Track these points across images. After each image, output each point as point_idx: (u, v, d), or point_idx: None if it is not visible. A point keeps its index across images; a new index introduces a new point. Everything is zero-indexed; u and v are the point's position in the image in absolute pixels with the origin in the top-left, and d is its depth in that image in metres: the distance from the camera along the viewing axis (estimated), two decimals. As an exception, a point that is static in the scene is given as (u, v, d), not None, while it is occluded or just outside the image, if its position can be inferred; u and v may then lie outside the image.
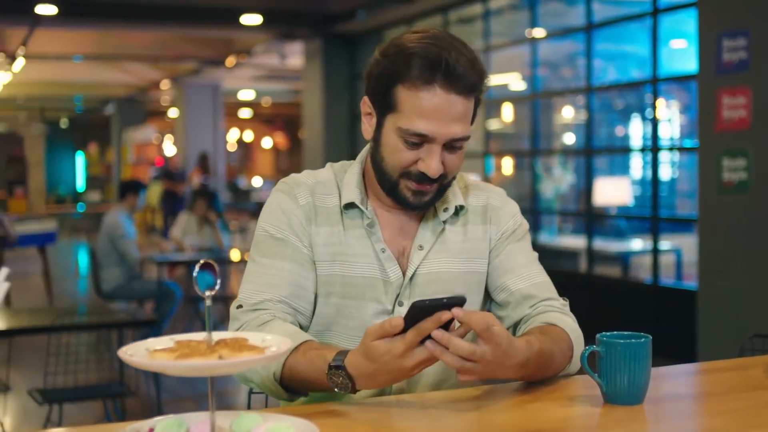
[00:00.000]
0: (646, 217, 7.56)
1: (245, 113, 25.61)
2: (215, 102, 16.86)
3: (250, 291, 1.77)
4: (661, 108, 9.95)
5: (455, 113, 1.66)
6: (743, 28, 5.63)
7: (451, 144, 1.70)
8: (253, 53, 13.18)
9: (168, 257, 7.81)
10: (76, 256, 15.04)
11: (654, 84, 7.05)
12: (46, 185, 24.71)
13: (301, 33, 11.39)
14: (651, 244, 7.11)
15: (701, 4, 6.00)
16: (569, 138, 10.98)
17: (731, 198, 5.77)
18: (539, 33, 8.67)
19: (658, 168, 7.18)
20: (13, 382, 5.90)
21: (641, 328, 6.27)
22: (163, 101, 21.07)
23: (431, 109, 1.65)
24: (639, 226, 8.52)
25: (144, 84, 18.20)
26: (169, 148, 19.76)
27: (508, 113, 10.34)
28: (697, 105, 6.07)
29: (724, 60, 5.77)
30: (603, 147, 9.53)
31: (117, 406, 4.73)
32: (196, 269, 1.35)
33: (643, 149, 8.80)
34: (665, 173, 10.71)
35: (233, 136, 26.35)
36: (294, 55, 13.02)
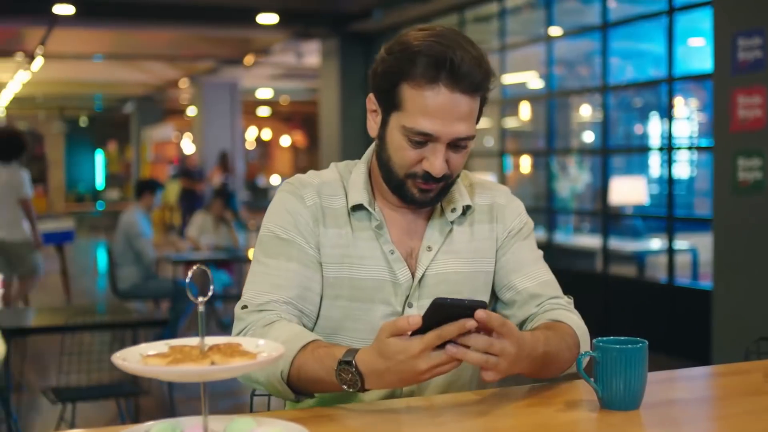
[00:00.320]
0: (661, 217, 7.52)
1: (263, 111, 25.66)
2: (233, 100, 16.91)
3: (255, 292, 1.75)
4: (679, 106, 9.90)
5: (460, 112, 1.65)
6: (759, 27, 5.60)
7: (456, 143, 1.69)
8: (271, 52, 13.21)
9: (184, 256, 7.85)
10: (94, 254, 15.11)
11: (669, 83, 7.02)
12: (65, 183, 24.89)
13: (318, 32, 11.41)
14: (667, 243, 7.08)
15: (716, 2, 5.97)
16: (588, 136, 10.95)
17: (746, 198, 5.74)
18: (555, 32, 8.65)
19: (672, 167, 7.14)
20: (29, 380, 5.94)
21: (656, 328, 6.27)
22: (182, 100, 21.16)
23: (435, 108, 1.64)
24: (656, 225, 8.48)
25: (162, 83, 18.27)
26: (188, 146, 19.83)
27: (525, 112, 10.33)
28: (712, 104, 6.04)
29: (739, 59, 5.74)
30: (618, 146, 9.49)
31: (130, 405, 4.75)
32: (189, 275, 1.36)
33: (659, 149, 8.75)
34: (684, 172, 10.66)
35: (252, 134, 26.42)
36: (311, 54, 13.04)
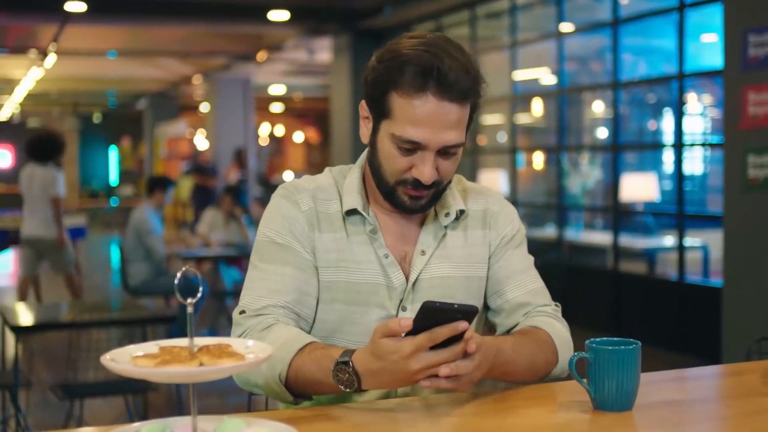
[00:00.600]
0: (671, 214, 7.50)
1: (277, 108, 25.69)
2: (246, 97, 16.93)
3: (252, 296, 1.77)
4: (693, 102, 9.85)
5: (448, 120, 1.67)
6: (769, 23, 5.57)
7: (445, 150, 1.70)
8: (283, 48, 13.23)
9: (194, 252, 7.88)
10: (108, 250, 15.17)
11: (680, 80, 6.99)
12: (79, 180, 24.99)
13: (329, 28, 11.41)
14: (677, 240, 7.05)
15: (727, -2, 5.94)
16: (601, 133, 10.90)
17: (757, 195, 5.71)
18: (566, 28, 8.62)
19: (683, 164, 7.12)
20: (38, 377, 5.97)
21: (666, 325, 6.24)
22: (196, 96, 21.21)
23: (424, 117, 1.65)
24: (667, 222, 8.46)
25: (176, 79, 18.32)
26: (202, 142, 19.88)
27: (537, 108, 10.30)
28: (723, 101, 6.01)
29: (749, 56, 5.71)
30: (628, 143, 9.46)
31: (138, 402, 4.77)
32: (178, 275, 1.37)
33: (669, 145, 8.72)
34: (697, 168, 10.60)
35: (265, 130, 26.45)
36: (322, 50, 13.04)
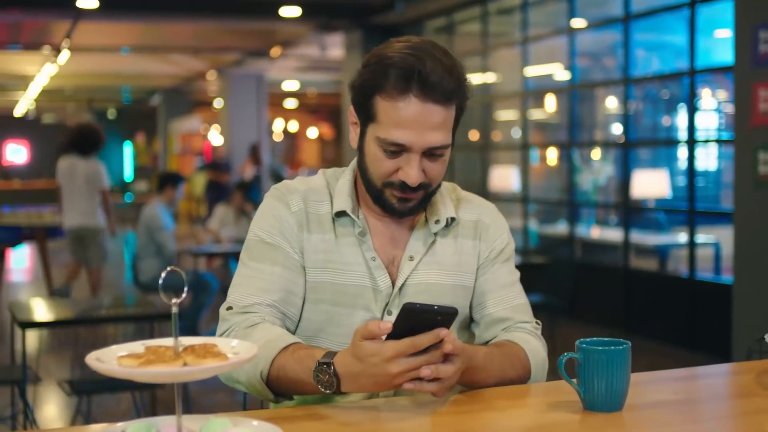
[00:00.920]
0: (682, 210, 7.46)
1: (290, 103, 25.72)
2: (259, 92, 16.95)
3: (240, 294, 1.79)
4: (707, 98, 9.80)
5: (432, 122, 1.68)
6: (780, 19, 5.54)
7: (431, 152, 1.71)
8: (295, 44, 13.23)
9: (205, 249, 7.90)
10: (121, 246, 15.20)
11: (691, 75, 6.95)
12: (94, 175, 25.06)
13: (341, 24, 11.40)
14: (688, 237, 7.02)
15: (738, -6, 5.90)
16: (616, 128, 10.85)
17: (767, 192, 5.68)
18: (578, 24, 8.59)
19: (695, 160, 7.08)
20: (49, 372, 6.00)
21: (677, 322, 6.21)
22: (210, 92, 21.26)
23: (407, 119, 1.67)
24: (679, 219, 8.42)
25: (189, 75, 18.35)
26: (216, 138, 19.91)
27: (551, 104, 10.26)
28: (733, 97, 5.98)
29: (760, 52, 5.67)
30: (642, 139, 9.42)
31: (145, 397, 4.79)
32: (162, 275, 1.37)
33: (679, 141, 8.68)
34: (711, 164, 10.55)
35: (279, 126, 26.48)
36: (334, 46, 13.04)
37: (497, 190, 9.74)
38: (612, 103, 10.72)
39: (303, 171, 22.76)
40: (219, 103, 18.57)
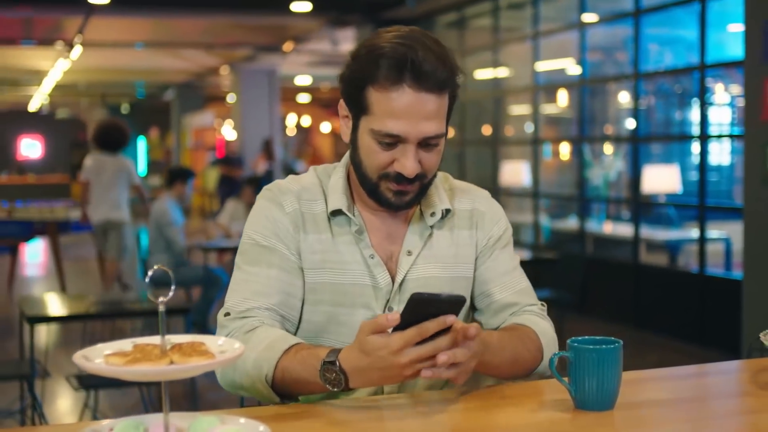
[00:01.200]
0: (692, 206, 7.42)
1: (303, 98, 25.71)
2: (271, 87, 16.95)
3: (237, 299, 1.76)
4: (720, 93, 9.75)
5: (426, 111, 1.66)
6: (790, 13, 5.50)
7: (426, 142, 1.69)
8: (307, 39, 13.23)
9: (215, 244, 7.91)
10: (134, 240, 15.24)
11: (701, 70, 6.92)
12: (108, 169, 25.14)
13: (352, 19, 11.39)
14: (701, 232, 6.98)
15: (748, -11, 5.87)
16: (629, 123, 10.81)
17: (777, 188, 5.65)
18: (589, 18, 8.56)
19: (705, 155, 7.05)
20: (59, 367, 6.02)
21: (687, 317, 6.17)
22: (223, 86, 21.28)
23: (401, 109, 1.65)
24: (689, 214, 8.38)
25: (202, 70, 18.38)
26: (229, 132, 19.94)
27: (563, 99, 10.22)
28: (744, 92, 5.95)
29: (770, 46, 5.64)
30: (654, 134, 9.39)
31: (152, 392, 4.81)
32: (149, 274, 1.37)
33: (690, 137, 8.64)
34: (725, 159, 10.49)
35: (291, 121, 26.48)
36: (346, 41, 13.03)
37: (508, 184, 9.72)
38: (624, 98, 10.68)
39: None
40: (232, 98, 18.59)
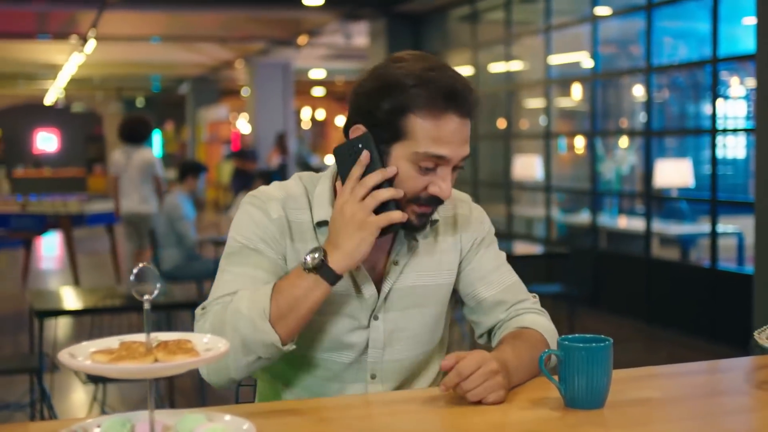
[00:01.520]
0: (704, 200, 7.38)
1: (318, 92, 25.72)
2: (286, 81, 16.96)
3: (217, 295, 1.75)
4: (735, 86, 9.69)
5: (466, 136, 1.73)
6: (802, 6, 5.45)
7: (458, 165, 1.74)
8: (320, 33, 13.22)
9: (226, 237, 7.93)
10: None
11: (714, 64, 6.88)
12: (123, 163, 25.25)
13: (365, 13, 11.38)
14: (712, 227, 6.94)
15: (760, -19, 5.82)
16: (641, 117, 10.75)
17: (788, 182, 5.61)
18: (601, 11, 8.52)
19: (717, 149, 7.01)
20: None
21: (698, 312, 6.12)
22: (238, 80, 21.30)
23: (449, 134, 1.69)
24: (702, 208, 8.34)
25: (217, 63, 18.40)
26: (244, 126, 19.97)
27: (576, 92, 10.18)
28: (756, 86, 5.90)
29: (782, 40, 5.59)
30: (668, 128, 9.35)
31: (159, 385, 4.83)
32: (134, 272, 1.38)
33: (703, 130, 8.59)
34: (740, 153, 10.43)
35: (306, 114, 26.49)
36: (359, 35, 13.02)
37: (520, 178, 9.69)
38: (638, 92, 10.63)
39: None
40: (246, 92, 18.61)
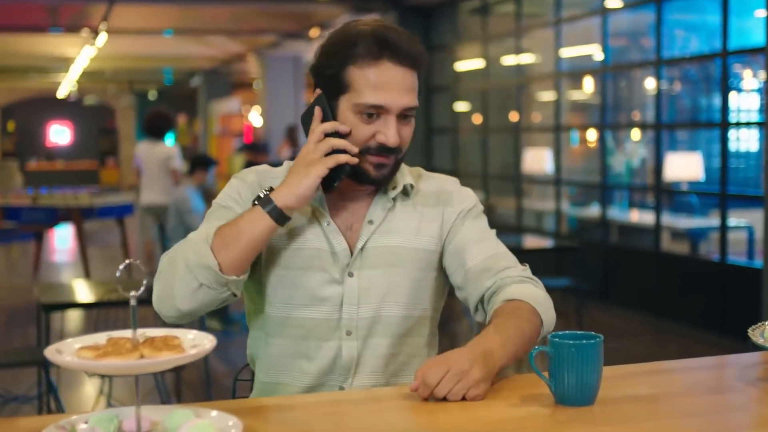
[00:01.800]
0: (714, 194, 7.33)
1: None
2: (297, 74, 16.95)
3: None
4: (748, 79, 9.63)
5: (405, 84, 1.79)
6: (812, -1, 5.41)
7: (404, 114, 1.80)
8: (330, 26, 13.20)
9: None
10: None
11: (724, 57, 6.84)
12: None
13: (375, 6, 11.36)
14: (722, 220, 6.91)
15: (770, -26, 5.79)
16: (652, 110, 10.69)
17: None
18: (612, 4, 8.48)
19: (727, 143, 6.98)
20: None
21: (706, 306, 6.11)
22: (250, 73, 21.31)
23: (384, 82, 1.77)
24: (712, 202, 8.30)
25: (228, 56, 18.41)
26: (257, 119, 19.98)
27: (588, 85, 10.13)
28: (766, 79, 5.87)
29: (792, 33, 5.56)
30: (678, 121, 9.31)
31: (164, 380, 4.84)
32: (120, 268, 1.38)
33: (713, 124, 8.55)
34: (753, 146, 10.37)
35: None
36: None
37: (530, 172, 9.67)
38: (650, 85, 10.58)
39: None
40: (258, 85, 18.61)
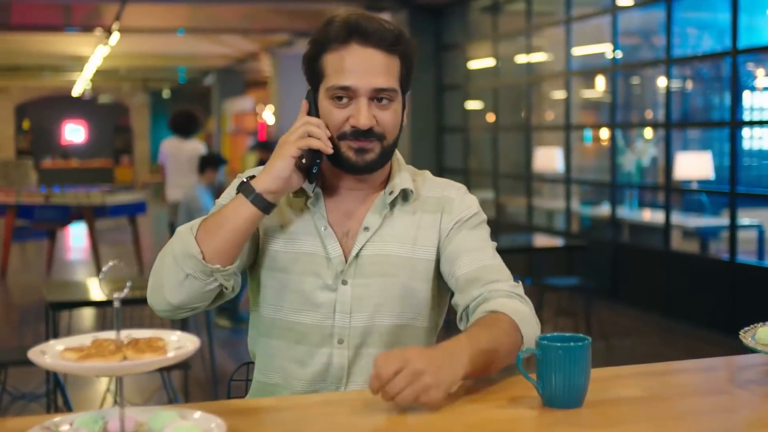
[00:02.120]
0: (723, 192, 7.29)
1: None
2: (309, 73, 16.98)
3: None
4: (761, 78, 9.59)
5: (374, 65, 1.78)
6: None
7: (378, 96, 1.79)
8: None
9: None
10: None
11: (734, 56, 6.81)
12: (150, 154, 25.34)
13: (386, 5, 11.36)
14: (731, 220, 6.87)
15: (780, -28, 5.76)
16: (663, 109, 10.65)
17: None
18: (622, 2, 8.45)
19: (738, 142, 6.95)
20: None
21: (716, 306, 6.08)
22: (264, 71, 21.33)
23: (351, 64, 1.77)
24: (725, 201, 8.26)
25: (242, 55, 18.44)
26: (270, 117, 20.00)
27: (600, 84, 10.10)
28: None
29: (802, 31, 5.53)
30: (687, 120, 9.27)
31: (173, 378, 4.86)
32: (103, 269, 1.38)
33: (723, 123, 8.51)
34: (766, 145, 10.32)
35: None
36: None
37: (541, 170, 9.65)
38: (662, 83, 10.54)
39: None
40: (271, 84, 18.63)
